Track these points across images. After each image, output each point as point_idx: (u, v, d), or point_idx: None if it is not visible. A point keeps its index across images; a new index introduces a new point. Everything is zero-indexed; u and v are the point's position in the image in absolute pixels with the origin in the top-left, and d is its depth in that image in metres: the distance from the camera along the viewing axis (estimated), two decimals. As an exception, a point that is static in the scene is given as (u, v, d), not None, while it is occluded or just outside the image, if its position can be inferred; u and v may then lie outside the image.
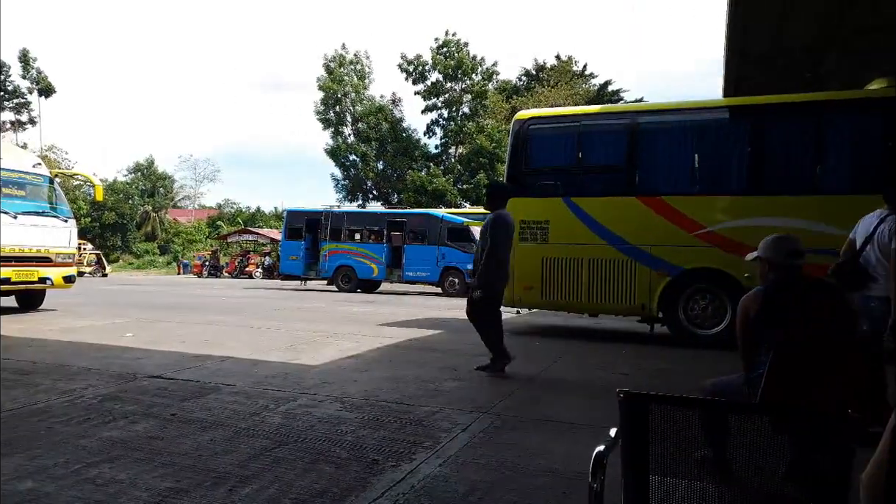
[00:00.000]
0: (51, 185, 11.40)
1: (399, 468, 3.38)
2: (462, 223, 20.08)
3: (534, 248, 9.14)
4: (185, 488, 3.00)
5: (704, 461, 1.87)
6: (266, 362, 6.50)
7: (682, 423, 1.80)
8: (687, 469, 1.86)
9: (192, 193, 55.92)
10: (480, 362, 6.98)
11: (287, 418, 4.33)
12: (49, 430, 3.92)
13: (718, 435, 1.86)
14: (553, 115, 10.57)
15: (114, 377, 5.55)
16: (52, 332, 8.36)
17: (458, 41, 42.27)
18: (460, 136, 42.13)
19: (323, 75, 43.67)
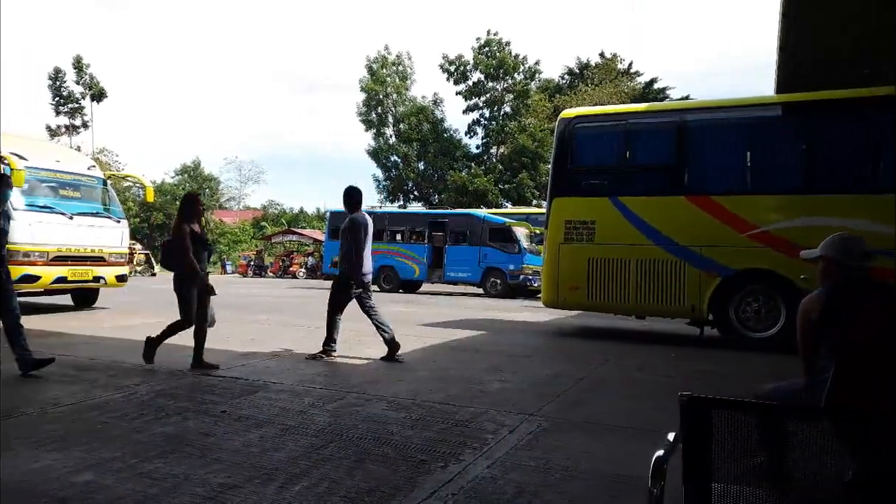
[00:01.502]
0: (104, 187, 11.75)
1: (447, 469, 3.36)
2: (504, 223, 19.97)
3: (579, 248, 9.01)
4: (238, 484, 3.04)
5: (765, 468, 1.81)
6: (311, 361, 6.57)
7: (745, 428, 1.75)
8: (750, 476, 1.80)
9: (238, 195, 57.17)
10: (526, 364, 6.93)
11: (334, 417, 4.35)
12: (106, 425, 4.03)
13: (779, 441, 1.79)
14: (599, 113, 10.43)
15: (165, 374, 5.68)
16: (107, 330, 8.62)
17: (500, 40, 42.13)
18: (502, 135, 41.97)
19: (365, 77, 44.05)
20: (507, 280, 19.03)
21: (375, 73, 43.94)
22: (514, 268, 18.92)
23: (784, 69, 9.54)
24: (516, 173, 39.53)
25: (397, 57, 45.16)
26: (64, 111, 40.98)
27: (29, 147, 10.80)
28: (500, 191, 40.01)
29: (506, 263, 18.96)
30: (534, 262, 18.87)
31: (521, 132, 39.98)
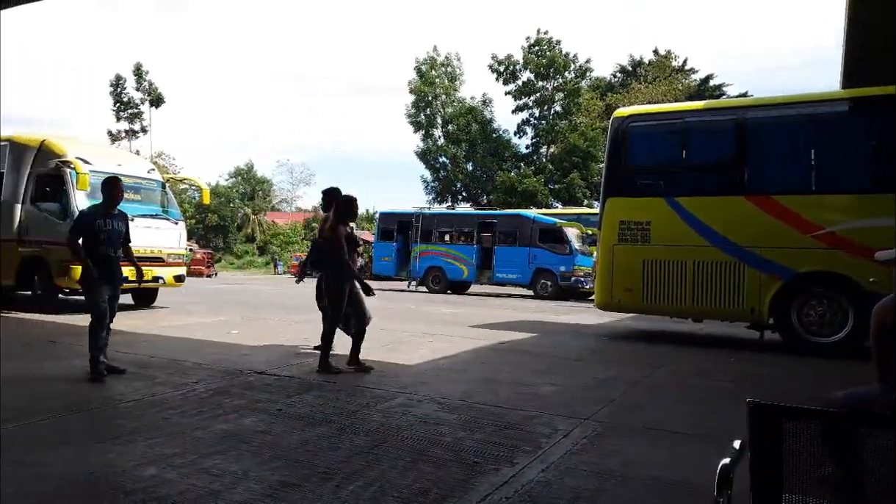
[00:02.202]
0: (163, 190, 12.15)
1: (500, 471, 3.34)
2: (554, 224, 19.75)
3: (634, 249, 8.82)
4: (295, 482, 3.08)
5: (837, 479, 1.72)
6: (363, 360, 6.61)
7: (817, 437, 1.67)
8: (823, 488, 1.72)
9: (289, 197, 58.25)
10: (578, 367, 6.84)
11: (386, 417, 4.38)
12: (167, 421, 4.15)
13: (852, 450, 1.70)
14: (654, 111, 10.19)
15: (222, 372, 5.81)
16: (166, 329, 8.89)
17: (551, 39, 41.73)
18: (552, 135, 41.53)
19: (414, 78, 44.28)
20: (557, 282, 18.80)
21: (424, 75, 44.11)
22: (565, 269, 18.68)
23: (850, 61, 9.15)
24: (567, 173, 39.05)
25: (446, 58, 45.24)
26: (124, 117, 42.54)
27: (93, 151, 11.24)
28: (550, 191, 39.60)
29: (556, 265, 18.73)
30: (585, 263, 18.61)
31: (572, 131, 39.49)
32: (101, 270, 5.46)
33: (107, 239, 5.52)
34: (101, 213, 5.63)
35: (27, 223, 10.50)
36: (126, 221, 5.84)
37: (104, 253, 5.51)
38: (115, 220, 5.65)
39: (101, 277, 5.47)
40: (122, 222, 5.73)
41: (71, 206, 10.06)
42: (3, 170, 10.87)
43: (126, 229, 5.80)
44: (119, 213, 5.77)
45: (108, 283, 5.54)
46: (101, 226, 5.50)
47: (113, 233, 5.58)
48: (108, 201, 5.68)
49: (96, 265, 5.45)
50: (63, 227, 10.06)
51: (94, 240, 5.46)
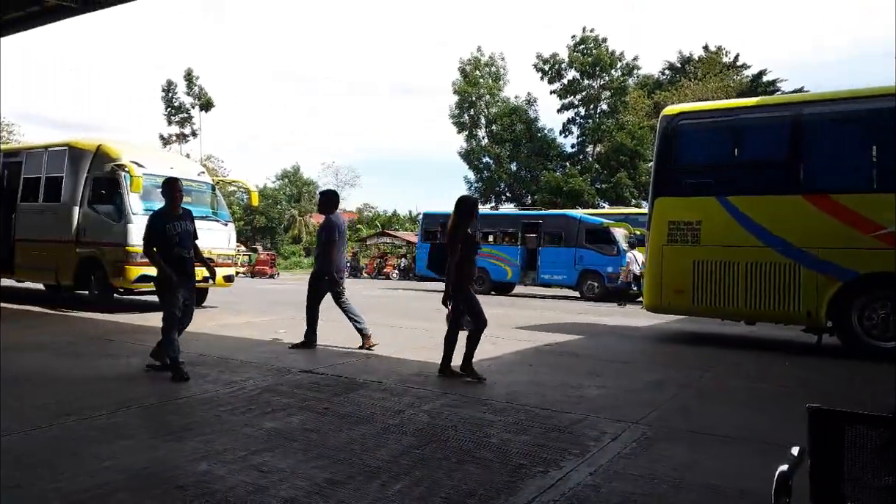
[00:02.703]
0: (213, 192, 12.45)
1: (547, 474, 3.29)
2: (601, 224, 19.46)
3: (684, 249, 8.61)
4: (341, 480, 3.10)
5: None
6: (408, 361, 6.65)
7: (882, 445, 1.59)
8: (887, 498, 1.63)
9: (334, 199, 58.97)
10: (626, 370, 6.73)
11: (432, 417, 4.37)
12: (217, 418, 4.24)
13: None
14: (705, 109, 9.91)
15: (270, 371, 5.90)
16: (215, 328, 9.09)
17: (597, 37, 41.22)
18: (598, 134, 41.01)
19: (458, 79, 44.34)
20: (604, 283, 18.51)
21: (468, 75, 44.13)
22: (612, 270, 18.37)
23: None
24: (614, 172, 38.50)
25: (490, 58, 45.17)
26: (175, 121, 43.79)
27: (146, 155, 11.59)
28: (596, 191, 39.12)
29: (604, 266, 18.44)
30: (633, 264, 18.32)
31: (619, 130, 38.91)
32: (177, 272, 5.54)
33: (179, 241, 5.61)
34: (167, 216, 5.69)
35: (84, 225, 10.89)
36: (192, 219, 5.90)
37: (178, 255, 5.59)
38: (183, 220, 5.72)
39: (179, 278, 5.56)
40: (189, 221, 5.80)
41: (125, 208, 10.40)
42: (62, 174, 11.29)
43: (194, 227, 5.86)
44: (184, 211, 5.86)
45: (183, 284, 5.63)
46: (172, 229, 5.57)
47: (184, 233, 5.66)
48: (170, 203, 5.76)
49: (171, 267, 5.51)
50: (118, 229, 10.43)
51: (167, 243, 5.55)
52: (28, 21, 13.06)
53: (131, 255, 10.18)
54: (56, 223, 11.15)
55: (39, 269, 11.54)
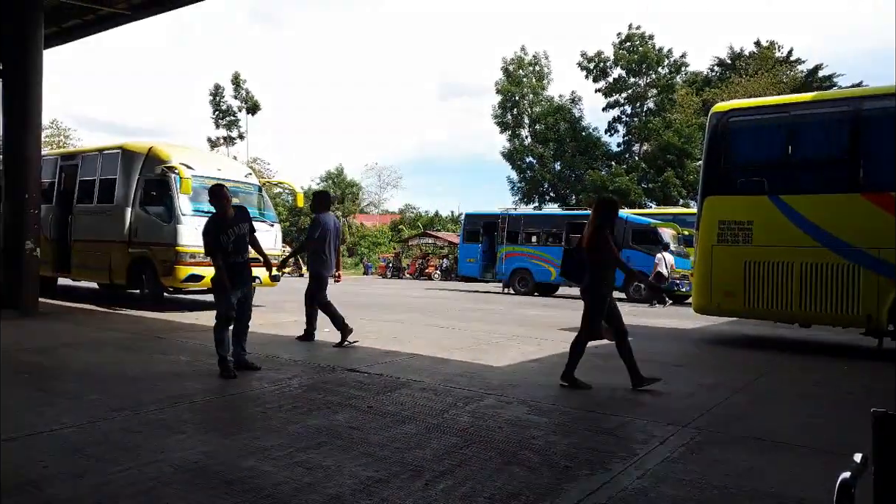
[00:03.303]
0: (259, 193, 12.66)
1: (593, 477, 3.23)
2: (648, 224, 19.07)
3: (735, 250, 8.36)
4: (385, 478, 3.10)
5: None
6: (451, 361, 6.63)
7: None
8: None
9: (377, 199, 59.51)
10: (675, 372, 6.58)
11: (475, 417, 4.34)
12: (263, 415, 4.29)
13: None
14: (757, 105, 9.59)
15: (315, 369, 5.97)
16: (262, 326, 9.23)
17: (643, 34, 40.55)
18: (645, 132, 40.35)
19: (501, 78, 44.18)
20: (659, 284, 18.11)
21: (511, 75, 43.93)
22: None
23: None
24: (661, 172, 37.80)
25: (534, 57, 44.88)
26: (223, 124, 44.82)
27: (195, 157, 11.86)
28: (643, 190, 38.48)
29: (651, 267, 18.05)
30: (682, 265, 17.89)
31: (666, 128, 38.21)
32: (231, 276, 5.65)
33: (234, 248, 5.69)
34: (219, 224, 5.68)
35: (136, 225, 11.19)
36: (245, 217, 5.92)
37: (232, 261, 5.69)
38: (236, 223, 5.73)
39: (233, 283, 5.68)
40: (244, 222, 5.83)
41: (175, 209, 10.65)
42: (115, 176, 11.63)
43: (250, 225, 5.90)
44: (238, 212, 5.85)
45: (237, 288, 5.74)
46: (225, 238, 5.64)
47: (238, 239, 5.72)
48: (220, 209, 5.76)
49: (230, 272, 5.65)
50: (167, 229, 10.68)
51: (222, 252, 5.64)
52: (84, 29, 13.56)
53: (180, 254, 10.42)
54: (109, 224, 11.47)
55: (94, 268, 11.90)
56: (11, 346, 6.96)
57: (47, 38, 11.06)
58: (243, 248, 5.82)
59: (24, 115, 10.16)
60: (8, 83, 10.09)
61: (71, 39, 13.94)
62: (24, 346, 6.94)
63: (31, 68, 10.17)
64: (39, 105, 10.36)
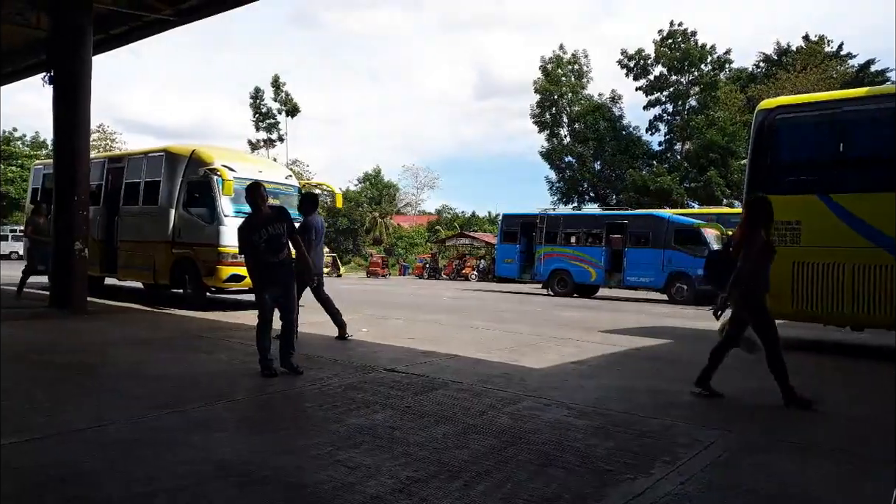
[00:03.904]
0: (299, 195, 12.80)
1: (636, 481, 3.16)
2: (692, 224, 18.68)
3: (782, 251, 8.03)
4: (423, 478, 3.09)
5: None
6: (489, 362, 6.59)
7: None
8: None
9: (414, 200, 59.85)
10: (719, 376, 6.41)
11: (514, 419, 4.30)
12: (303, 413, 4.34)
13: None
14: (806, 101, 9.29)
15: (354, 368, 6.00)
16: (301, 326, 9.27)
17: (686, 31, 39.76)
18: (687, 130, 39.56)
19: (539, 78, 43.86)
20: (695, 286, 17.73)
21: (550, 74, 43.58)
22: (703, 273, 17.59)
23: None
24: (704, 170, 36.96)
25: (573, 56, 44.44)
26: (263, 126, 45.57)
27: (236, 160, 12.07)
28: (685, 190, 37.71)
29: (694, 268, 17.62)
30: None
31: (710, 126, 37.36)
32: (264, 276, 5.60)
33: (266, 248, 5.51)
34: (252, 226, 5.57)
35: (179, 226, 11.43)
36: (282, 217, 5.68)
37: (266, 261, 5.54)
38: (270, 224, 5.54)
39: (264, 284, 5.64)
40: (279, 222, 5.60)
41: (217, 211, 10.86)
42: (160, 178, 11.91)
43: (286, 225, 5.63)
44: (274, 212, 5.71)
45: (271, 288, 5.64)
46: (258, 238, 5.49)
47: (271, 239, 5.51)
48: (254, 209, 5.67)
49: (260, 272, 5.60)
50: (210, 230, 10.89)
51: (255, 252, 5.57)
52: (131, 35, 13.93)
53: (222, 255, 10.61)
54: (154, 225, 11.74)
55: (139, 268, 12.19)
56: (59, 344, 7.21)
57: (95, 44, 11.38)
58: (278, 247, 5.56)
59: (74, 119, 10.49)
60: (59, 89, 10.43)
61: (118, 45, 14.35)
62: (70, 343, 7.17)
63: (80, 74, 10.49)
64: (88, 109, 10.67)
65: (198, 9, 12.50)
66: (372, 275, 33.41)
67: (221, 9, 12.48)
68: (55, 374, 5.53)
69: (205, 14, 12.71)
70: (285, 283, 5.77)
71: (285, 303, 5.81)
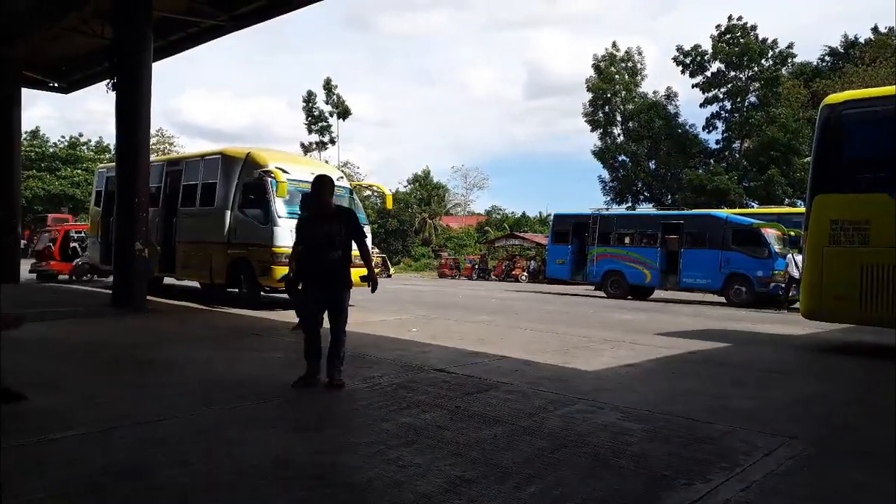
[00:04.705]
0: (351, 196, 12.97)
1: (692, 487, 3.06)
2: (751, 224, 18.06)
3: (849, 252, 7.73)
4: (474, 479, 3.07)
5: None
6: (540, 364, 6.50)
7: None
8: None
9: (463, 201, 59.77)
10: (779, 381, 6.19)
11: (565, 422, 4.23)
12: (355, 412, 4.37)
13: None
14: (876, 95, 8.79)
15: (404, 368, 6.02)
16: (352, 325, 9.37)
17: (745, 25, 38.52)
18: (746, 128, 38.32)
19: (592, 76, 43.24)
20: (754, 288, 17.14)
21: (603, 72, 42.91)
22: (763, 274, 16.95)
23: None
24: (764, 169, 35.72)
25: (626, 53, 43.66)
26: (315, 129, 46.34)
27: (290, 162, 12.30)
28: (744, 189, 36.53)
29: (753, 269, 17.05)
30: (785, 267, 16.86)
31: (770, 123, 36.06)
32: (306, 281, 5.23)
33: (317, 245, 5.07)
34: (308, 218, 5.32)
35: (235, 227, 11.71)
36: (340, 218, 5.24)
37: (309, 264, 5.14)
38: (328, 221, 5.11)
39: (305, 288, 5.26)
40: (337, 221, 5.14)
41: (271, 212, 11.08)
42: (216, 180, 12.23)
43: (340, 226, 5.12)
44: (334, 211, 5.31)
45: (312, 294, 5.21)
46: (310, 232, 5.14)
47: (322, 236, 5.05)
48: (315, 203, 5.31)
49: (303, 270, 5.20)
50: (264, 231, 11.12)
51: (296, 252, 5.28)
52: (188, 41, 14.40)
53: (276, 255, 10.81)
54: (210, 226, 12.05)
55: (196, 268, 12.55)
56: (118, 340, 7.49)
57: (155, 51, 11.78)
58: (325, 249, 5.02)
59: (135, 124, 10.90)
60: (122, 95, 10.84)
61: (176, 52, 14.85)
62: (130, 340, 7.43)
63: (141, 80, 10.90)
64: (148, 114, 11.07)
65: (251, 14, 12.85)
66: (443, 276, 34.83)
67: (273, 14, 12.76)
68: (113, 369, 5.74)
69: (258, 19, 13.04)
70: (333, 290, 5.17)
71: (331, 314, 5.21)
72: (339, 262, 5.12)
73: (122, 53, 10.99)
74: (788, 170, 34.97)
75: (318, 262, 5.09)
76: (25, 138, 37.57)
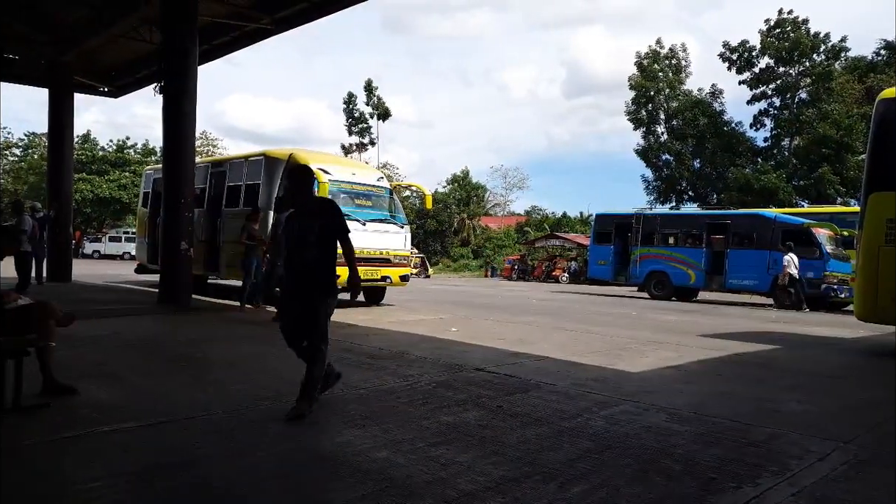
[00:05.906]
0: (390, 197, 13.05)
1: (741, 490, 3.00)
2: (801, 224, 17.53)
3: (905, 253, 7.47)
4: (517, 478, 3.06)
5: None
6: (582, 365, 6.43)
7: None
8: None
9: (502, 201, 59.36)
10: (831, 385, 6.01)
11: (610, 423, 4.17)
12: (395, 409, 4.38)
13: None
14: (934, 88, 8.52)
15: (444, 367, 6.03)
16: (392, 324, 9.48)
17: (795, 19, 37.37)
18: (796, 125, 37.17)
19: (635, 74, 42.56)
20: (804, 289, 16.63)
21: (646, 69, 42.19)
22: (813, 275, 16.44)
23: None
24: (815, 167, 34.61)
25: (670, 50, 42.84)
26: (355, 131, 46.78)
27: (331, 163, 12.46)
28: (794, 188, 35.46)
29: (803, 270, 16.57)
30: (840, 268, 16.31)
31: (822, 120, 34.88)
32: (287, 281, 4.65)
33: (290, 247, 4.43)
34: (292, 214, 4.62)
35: (277, 227, 11.89)
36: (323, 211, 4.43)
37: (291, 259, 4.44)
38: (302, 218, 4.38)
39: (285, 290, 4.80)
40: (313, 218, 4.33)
41: None
42: (259, 181, 12.45)
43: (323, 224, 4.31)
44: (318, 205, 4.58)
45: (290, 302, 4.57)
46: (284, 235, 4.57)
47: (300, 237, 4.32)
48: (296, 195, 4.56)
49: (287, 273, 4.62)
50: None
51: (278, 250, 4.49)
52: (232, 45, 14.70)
53: None
54: None
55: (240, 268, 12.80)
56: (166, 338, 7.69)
57: (200, 55, 12.06)
58: (305, 247, 4.26)
59: (181, 126, 11.17)
60: (168, 98, 11.13)
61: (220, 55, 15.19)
62: (177, 337, 7.62)
63: (187, 84, 11.16)
64: (194, 117, 11.33)
65: (294, 17, 13.04)
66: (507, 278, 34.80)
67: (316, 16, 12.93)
68: (161, 365, 5.89)
69: (300, 22, 13.23)
70: (312, 294, 4.33)
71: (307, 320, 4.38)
72: (315, 263, 4.28)
73: (169, 58, 11.27)
74: (841, 167, 33.83)
75: (291, 263, 4.43)
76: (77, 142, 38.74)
